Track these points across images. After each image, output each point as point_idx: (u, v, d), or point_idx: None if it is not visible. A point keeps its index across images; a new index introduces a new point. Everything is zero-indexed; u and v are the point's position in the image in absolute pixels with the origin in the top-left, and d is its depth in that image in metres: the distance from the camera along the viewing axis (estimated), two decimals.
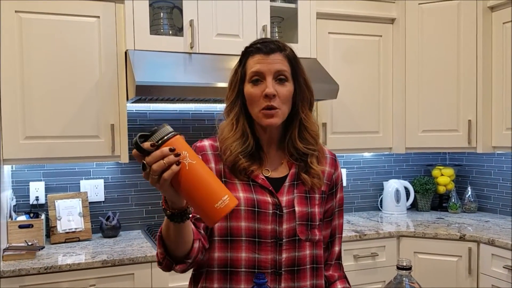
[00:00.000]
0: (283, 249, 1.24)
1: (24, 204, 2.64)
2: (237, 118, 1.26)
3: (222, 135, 1.28)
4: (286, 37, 2.88)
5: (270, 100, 1.20)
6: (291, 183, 1.28)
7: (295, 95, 1.26)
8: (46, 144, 2.37)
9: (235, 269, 1.24)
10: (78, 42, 2.41)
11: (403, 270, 1.09)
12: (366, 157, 3.41)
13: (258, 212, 1.24)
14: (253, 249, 1.23)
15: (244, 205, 1.23)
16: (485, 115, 2.90)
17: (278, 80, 1.23)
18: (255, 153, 1.27)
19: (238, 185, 1.25)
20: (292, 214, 1.25)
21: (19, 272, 2.07)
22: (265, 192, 1.26)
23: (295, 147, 1.28)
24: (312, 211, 1.28)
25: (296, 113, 1.27)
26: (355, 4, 2.99)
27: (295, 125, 1.28)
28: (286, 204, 1.26)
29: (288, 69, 1.24)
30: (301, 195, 1.28)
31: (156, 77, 2.33)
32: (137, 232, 2.81)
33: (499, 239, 2.49)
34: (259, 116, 1.23)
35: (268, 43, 1.24)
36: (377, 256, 2.73)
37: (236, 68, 1.29)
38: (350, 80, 2.97)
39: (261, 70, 1.22)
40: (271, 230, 1.24)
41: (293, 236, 1.25)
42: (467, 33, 2.92)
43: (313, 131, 1.28)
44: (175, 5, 2.60)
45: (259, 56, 1.23)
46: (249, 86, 1.24)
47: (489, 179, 3.30)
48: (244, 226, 1.23)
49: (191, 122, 2.96)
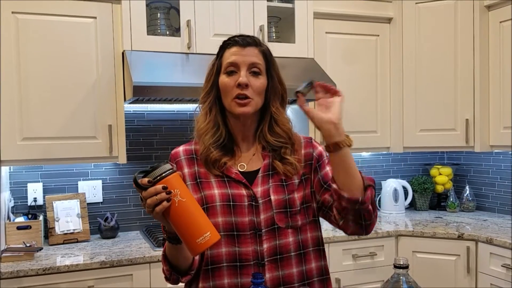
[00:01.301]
0: (263, 239, 1.24)
1: (22, 205, 2.64)
2: (210, 107, 1.30)
3: (197, 125, 1.31)
4: (283, 37, 2.88)
5: (242, 89, 1.23)
6: (265, 173, 1.29)
7: (267, 89, 1.29)
8: (43, 145, 2.36)
9: (217, 265, 1.25)
10: (75, 43, 2.41)
11: (400, 269, 1.09)
12: (364, 156, 3.42)
13: (234, 206, 1.25)
14: (233, 243, 1.24)
15: (219, 200, 1.25)
16: (483, 114, 2.91)
17: (252, 72, 1.26)
18: (227, 145, 1.30)
19: (214, 182, 1.28)
20: (269, 204, 1.26)
21: (17, 273, 2.07)
22: (240, 185, 1.27)
23: (266, 140, 1.30)
24: (291, 197, 1.27)
25: (267, 107, 1.30)
26: (352, 4, 2.99)
27: (266, 118, 1.31)
28: (262, 194, 1.26)
29: (262, 63, 1.28)
30: (277, 184, 1.28)
31: (154, 77, 2.33)
32: (136, 233, 2.81)
33: (497, 238, 2.49)
34: (231, 105, 1.26)
35: (245, 37, 1.29)
36: (375, 255, 2.73)
37: (213, 61, 1.33)
38: (347, 80, 2.96)
39: (236, 61, 1.25)
40: (249, 222, 1.24)
41: (271, 225, 1.25)
42: (464, 32, 2.92)
43: (284, 126, 1.30)
44: (172, 6, 2.60)
45: (235, 48, 1.27)
46: (223, 77, 1.28)
47: (487, 178, 3.30)
48: (221, 221, 1.24)
49: (188, 123, 2.96)
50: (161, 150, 2.91)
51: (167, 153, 2.94)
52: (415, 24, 3.03)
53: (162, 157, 2.91)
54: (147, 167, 1.07)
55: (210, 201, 1.26)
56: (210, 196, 1.26)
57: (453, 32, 2.95)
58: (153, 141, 2.91)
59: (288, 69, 2.60)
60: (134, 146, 2.85)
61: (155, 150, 2.91)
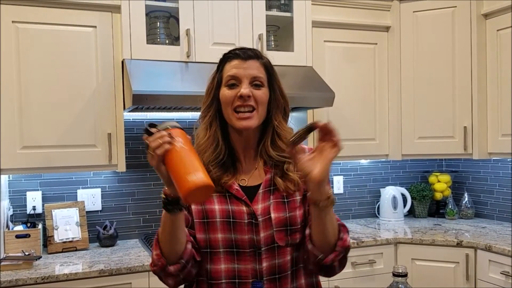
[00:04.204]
0: (262, 257, 1.22)
1: (21, 214, 2.64)
2: (210, 122, 1.27)
3: (197, 139, 1.29)
4: (282, 45, 2.89)
5: (245, 101, 1.21)
6: (266, 189, 1.26)
7: (269, 102, 1.27)
8: (43, 153, 2.37)
9: (216, 281, 1.23)
10: (75, 52, 2.42)
11: (398, 277, 1.10)
12: (363, 164, 3.42)
13: (234, 223, 1.22)
14: (232, 260, 1.22)
15: (219, 217, 1.23)
16: (481, 121, 2.92)
17: (254, 85, 1.23)
18: (227, 162, 1.27)
19: (214, 197, 1.25)
20: (269, 222, 1.23)
21: (16, 282, 2.07)
22: (240, 202, 1.24)
23: (268, 155, 1.27)
24: (292, 215, 1.25)
25: (270, 120, 1.28)
26: (350, 13, 3.01)
27: (269, 132, 1.28)
28: (262, 212, 1.24)
29: (264, 76, 1.26)
30: (278, 201, 1.25)
31: (153, 86, 2.34)
32: (135, 241, 2.80)
33: (496, 245, 2.49)
34: (232, 119, 1.23)
35: (246, 50, 1.27)
36: (374, 263, 2.73)
37: (214, 75, 1.30)
38: (346, 88, 2.98)
39: (237, 74, 1.23)
40: (249, 240, 1.22)
41: (271, 243, 1.23)
42: (462, 40, 2.94)
43: (287, 139, 1.25)
44: (171, 15, 2.62)
45: (236, 62, 1.25)
46: (224, 89, 1.25)
47: (485, 185, 3.31)
48: (221, 238, 1.22)
49: (188, 131, 2.95)
50: None
51: None
52: (413, 33, 3.05)
53: None
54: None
55: (210, 216, 1.24)
56: (210, 211, 1.24)
57: (451, 40, 2.97)
58: None
59: (287, 77, 2.61)
60: (133, 154, 2.85)
61: None
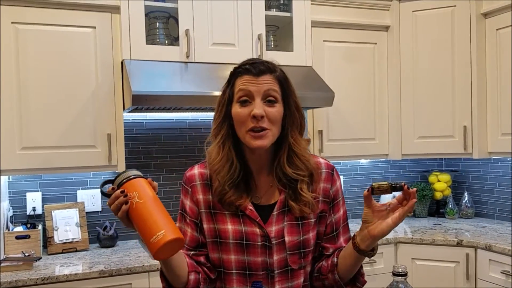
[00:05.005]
0: (275, 280, 1.21)
1: (21, 215, 2.63)
2: (224, 141, 1.22)
3: (210, 159, 1.24)
4: (281, 45, 2.89)
5: (258, 121, 1.15)
6: (280, 211, 1.23)
7: (284, 118, 1.21)
8: (43, 154, 2.37)
9: None
10: (74, 53, 2.42)
11: (398, 277, 1.10)
12: (363, 164, 3.42)
13: (247, 245, 1.21)
14: (245, 282, 1.22)
15: (232, 238, 1.22)
16: (481, 120, 2.92)
17: (267, 101, 1.18)
18: (241, 182, 1.22)
19: (227, 216, 1.23)
20: (282, 245, 1.21)
21: (16, 283, 2.06)
22: (254, 223, 1.22)
23: (283, 172, 1.22)
24: (305, 238, 1.23)
25: (285, 137, 1.22)
26: (349, 12, 3.01)
27: (284, 149, 1.22)
28: (276, 234, 1.21)
29: (278, 91, 1.20)
30: (292, 223, 1.23)
31: (153, 86, 2.34)
32: (135, 241, 2.80)
33: (496, 245, 2.49)
34: (246, 138, 1.18)
35: (258, 64, 1.20)
36: (375, 263, 2.73)
37: (224, 89, 1.25)
38: (345, 88, 2.98)
39: (249, 90, 1.17)
40: (262, 262, 1.21)
41: (284, 266, 1.22)
42: (461, 39, 2.94)
43: (304, 157, 1.22)
44: (171, 15, 2.62)
45: (247, 77, 1.19)
46: (237, 106, 1.19)
47: (485, 185, 3.31)
48: (234, 259, 1.22)
49: (187, 131, 2.97)
50: (160, 159, 2.92)
51: (166, 162, 2.96)
52: (412, 32, 3.05)
53: (161, 165, 2.91)
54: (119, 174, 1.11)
55: (223, 237, 1.23)
56: (223, 231, 1.23)
57: (450, 40, 2.97)
58: (152, 150, 2.91)
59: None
60: (133, 154, 2.85)
61: (154, 158, 2.91)
